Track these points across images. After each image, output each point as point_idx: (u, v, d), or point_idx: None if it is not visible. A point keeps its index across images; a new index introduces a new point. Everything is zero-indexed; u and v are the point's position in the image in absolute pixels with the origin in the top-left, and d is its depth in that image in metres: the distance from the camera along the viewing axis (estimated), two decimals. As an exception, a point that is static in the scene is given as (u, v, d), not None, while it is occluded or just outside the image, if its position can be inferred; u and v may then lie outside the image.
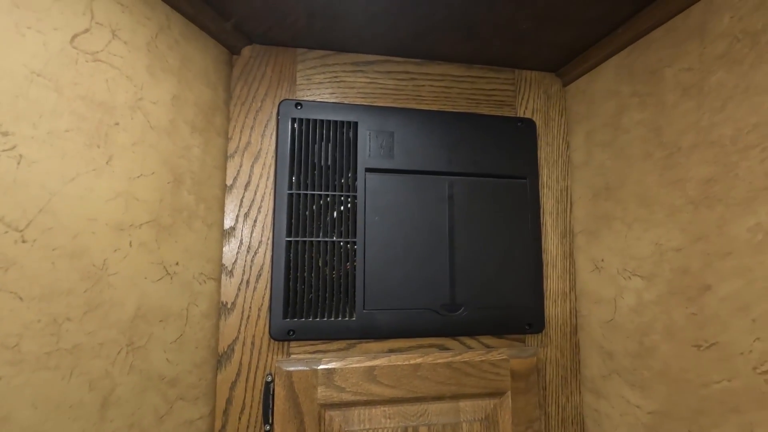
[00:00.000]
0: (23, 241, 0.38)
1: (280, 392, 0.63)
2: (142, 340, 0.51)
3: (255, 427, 0.64)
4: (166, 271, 0.55)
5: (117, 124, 0.48)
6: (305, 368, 0.64)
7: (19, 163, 0.38)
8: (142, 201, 0.51)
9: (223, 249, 0.66)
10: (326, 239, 0.68)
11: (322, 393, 0.64)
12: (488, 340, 0.73)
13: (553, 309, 0.76)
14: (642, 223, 0.63)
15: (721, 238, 0.51)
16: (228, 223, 0.67)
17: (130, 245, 0.49)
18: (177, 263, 0.57)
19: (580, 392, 0.76)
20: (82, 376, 0.43)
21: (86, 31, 0.45)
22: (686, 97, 0.56)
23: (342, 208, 0.69)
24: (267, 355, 0.66)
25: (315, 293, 0.67)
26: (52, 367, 0.40)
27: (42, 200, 0.40)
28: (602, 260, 0.71)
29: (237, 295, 0.66)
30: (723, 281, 0.51)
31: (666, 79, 0.60)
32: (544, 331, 0.75)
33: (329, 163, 0.70)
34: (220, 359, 0.64)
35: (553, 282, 0.77)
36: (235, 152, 0.69)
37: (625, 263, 0.66)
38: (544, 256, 0.77)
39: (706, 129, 0.53)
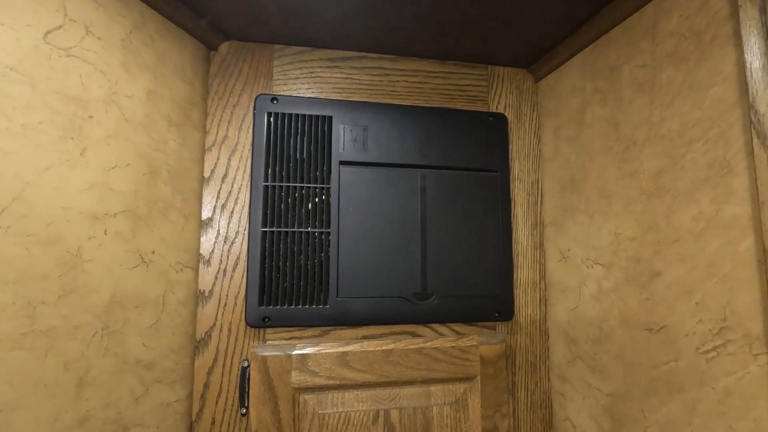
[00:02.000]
0: (-2, 228, 0.40)
1: (255, 376, 0.66)
2: (118, 325, 0.53)
3: (232, 410, 0.67)
4: (142, 259, 0.57)
5: (91, 117, 0.51)
6: (280, 353, 0.67)
7: (-7, 154, 0.41)
8: (118, 192, 0.54)
9: (201, 239, 0.69)
10: (301, 230, 0.70)
11: (297, 377, 0.67)
12: (459, 327, 0.76)
13: (524, 298, 0.79)
14: (602, 214, 0.66)
15: (669, 227, 0.54)
16: (205, 214, 0.69)
17: (105, 233, 0.52)
18: (153, 252, 0.59)
19: (549, 378, 0.79)
20: (57, 357, 0.46)
21: (59, 27, 0.47)
22: (640, 93, 0.59)
23: (317, 199, 0.72)
24: (243, 342, 0.68)
25: (290, 282, 0.69)
26: (27, 348, 0.43)
27: (16, 189, 0.42)
28: (568, 250, 0.74)
29: (214, 284, 0.68)
30: (670, 267, 0.54)
31: (623, 75, 0.62)
32: (514, 319, 0.78)
33: (304, 156, 0.72)
34: (197, 345, 0.67)
35: (523, 272, 0.80)
36: (213, 145, 0.71)
37: (588, 253, 0.69)
38: (515, 246, 0.80)
39: (657, 123, 0.56)
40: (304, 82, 0.75)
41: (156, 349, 0.59)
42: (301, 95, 0.74)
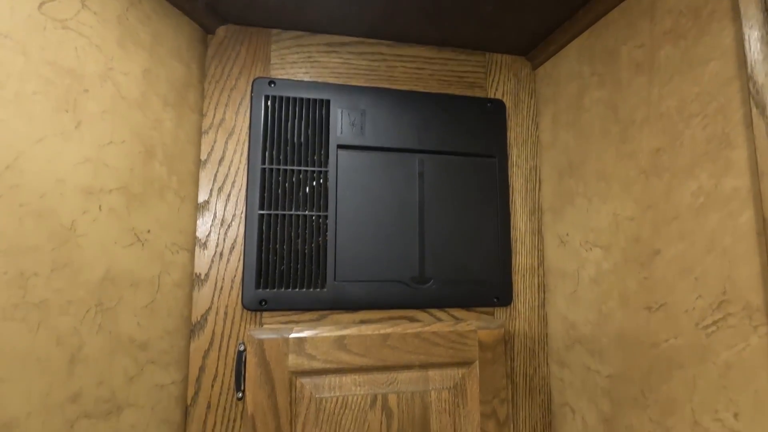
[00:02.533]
0: (-10, 195, 0.40)
1: (251, 360, 0.65)
2: (112, 303, 0.52)
3: (228, 394, 0.66)
4: (137, 238, 0.56)
5: (86, 91, 0.50)
6: (276, 336, 0.66)
7: (-15, 121, 0.40)
8: (112, 168, 0.53)
9: (197, 222, 0.68)
10: (299, 213, 0.70)
11: (293, 361, 0.66)
12: (457, 312, 0.76)
13: (522, 283, 0.79)
14: (601, 196, 0.66)
15: (668, 204, 0.54)
16: (202, 197, 0.69)
17: (100, 209, 0.51)
18: (149, 231, 0.58)
19: (547, 364, 0.78)
20: (49, 331, 0.45)
21: (55, -2, 0.47)
22: (639, 73, 0.59)
23: (314, 183, 0.71)
24: (240, 325, 0.68)
25: (287, 265, 0.69)
26: (18, 319, 0.42)
27: (8, 158, 0.42)
28: (567, 234, 0.74)
29: (210, 267, 0.68)
30: (669, 245, 0.54)
31: (621, 57, 0.62)
32: (512, 305, 0.78)
33: (302, 139, 0.72)
34: (193, 328, 0.66)
35: (522, 257, 0.79)
36: (210, 128, 0.71)
37: (587, 235, 0.69)
38: (513, 232, 0.80)
39: (656, 102, 0.56)
40: (301, 66, 0.75)
41: (151, 330, 0.58)
42: (300, 79, 0.74)
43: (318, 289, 0.69)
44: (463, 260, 0.75)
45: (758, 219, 0.43)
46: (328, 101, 0.73)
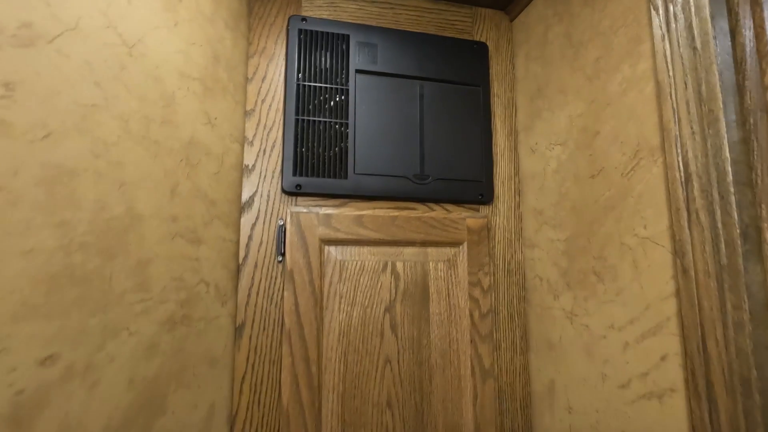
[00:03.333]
0: (130, 55, 0.57)
1: (291, 229, 0.83)
2: (194, 161, 0.70)
3: (270, 257, 0.84)
4: (209, 120, 0.74)
5: (180, 1, 0.68)
6: (309, 212, 0.84)
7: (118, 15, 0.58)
8: (194, 62, 0.71)
9: (246, 125, 0.86)
10: (325, 120, 0.88)
11: (322, 231, 0.84)
12: (449, 206, 0.94)
13: (502, 188, 0.98)
14: (560, 105, 0.86)
15: (604, 95, 0.74)
16: (249, 105, 0.87)
17: (188, 89, 0.69)
18: (216, 118, 0.76)
19: (522, 250, 0.98)
20: (160, 163, 0.62)
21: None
22: (586, 6, 0.80)
23: (337, 98, 0.90)
24: (279, 206, 0.85)
25: (317, 159, 0.87)
26: (144, 147, 0.59)
27: (139, 34, 0.59)
28: (536, 144, 0.94)
29: (256, 160, 0.86)
30: (606, 125, 0.74)
31: (574, -4, 0.83)
32: (494, 204, 0.97)
33: (327, 65, 0.91)
34: (243, 206, 0.84)
35: (501, 168, 0.99)
36: (254, 54, 0.89)
37: (550, 139, 0.89)
38: (494, 149, 0.99)
39: (597, 24, 0.76)
40: (326, 9, 0.94)
41: (217, 193, 0.75)
42: (325, 18, 0.93)
43: (341, 179, 0.87)
44: (455, 164, 0.94)
45: (656, 86, 0.63)
46: (348, 36, 0.92)
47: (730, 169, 0.53)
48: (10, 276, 0.42)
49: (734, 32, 0.55)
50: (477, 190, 0.95)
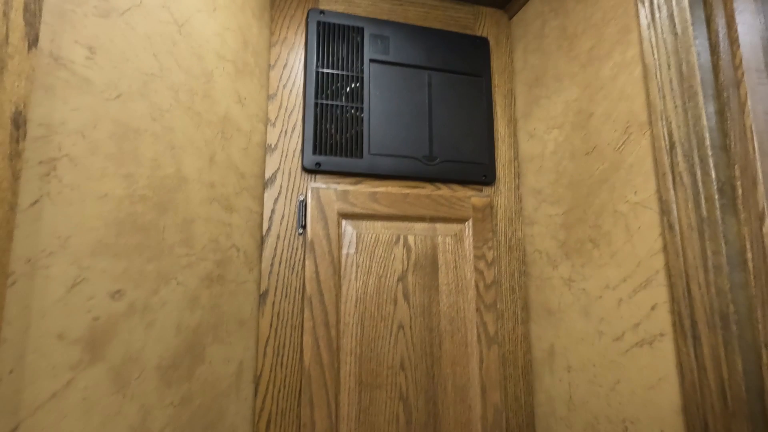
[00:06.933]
0: (180, 33, 0.64)
1: (311, 203, 0.89)
2: (228, 134, 0.76)
3: (292, 230, 0.90)
4: (239, 99, 0.81)
5: (217, -11, 0.75)
6: (328, 188, 0.90)
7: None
8: (228, 45, 0.78)
9: (268, 107, 0.93)
10: (342, 104, 0.95)
11: (340, 206, 0.90)
12: (455, 187, 1.02)
13: (503, 170, 1.06)
14: (557, 92, 0.95)
15: (597, 80, 0.83)
16: (271, 90, 0.93)
17: (223, 69, 0.75)
18: (245, 98, 0.83)
19: (521, 228, 1.05)
20: (202, 132, 0.68)
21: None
22: (580, 2, 0.89)
23: (353, 85, 0.97)
24: (300, 182, 0.92)
25: (335, 139, 0.94)
26: (189, 116, 0.66)
27: (186, 16, 0.66)
28: (534, 129, 1.02)
29: (278, 140, 0.92)
30: (599, 106, 0.82)
31: (568, -6, 0.92)
32: (496, 185, 1.05)
33: (344, 54, 0.98)
34: (266, 182, 0.90)
35: (502, 152, 1.07)
36: (276, 43, 0.96)
37: (547, 123, 0.97)
38: (495, 135, 1.07)
39: (589, 17, 0.85)
40: (342, 3, 1.02)
41: (246, 166, 0.82)
42: (341, 12, 1.01)
43: (357, 158, 0.94)
44: (461, 147, 1.02)
45: (643, 68, 0.72)
46: (363, 28, 1.00)
47: (707, 135, 0.61)
48: (90, 215, 0.48)
49: (709, 20, 0.64)
50: (481, 172, 1.03)
